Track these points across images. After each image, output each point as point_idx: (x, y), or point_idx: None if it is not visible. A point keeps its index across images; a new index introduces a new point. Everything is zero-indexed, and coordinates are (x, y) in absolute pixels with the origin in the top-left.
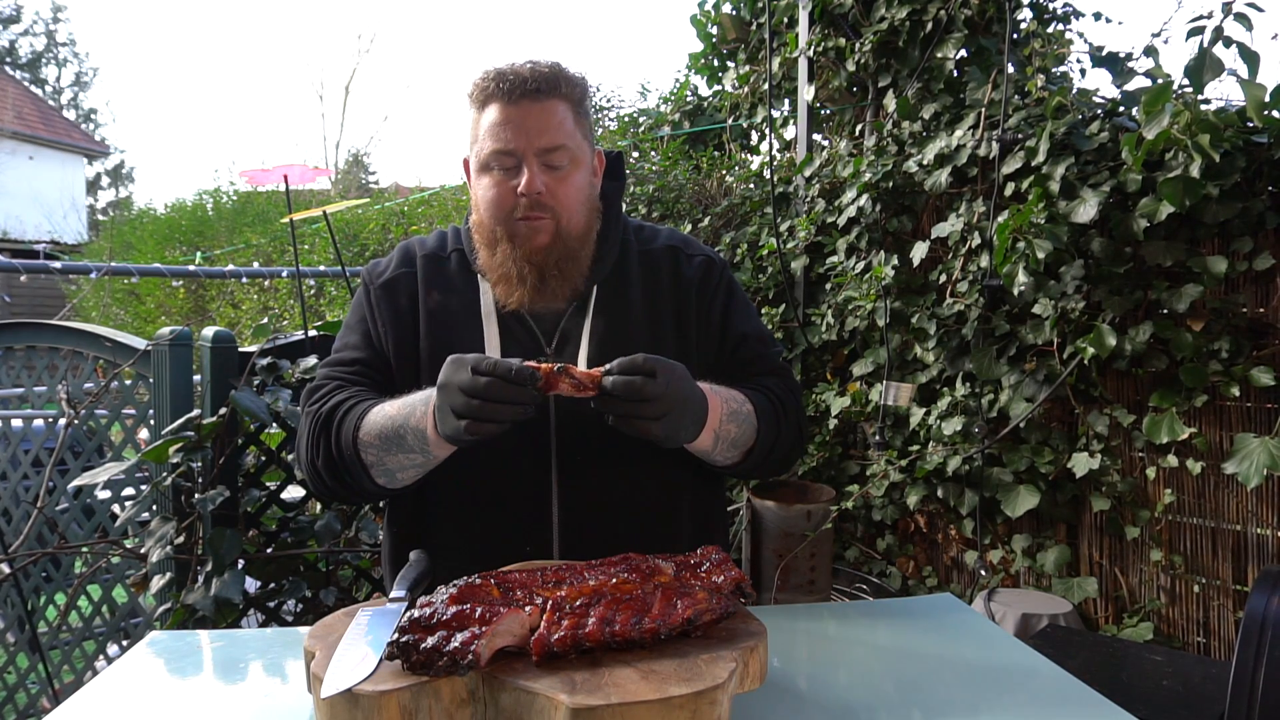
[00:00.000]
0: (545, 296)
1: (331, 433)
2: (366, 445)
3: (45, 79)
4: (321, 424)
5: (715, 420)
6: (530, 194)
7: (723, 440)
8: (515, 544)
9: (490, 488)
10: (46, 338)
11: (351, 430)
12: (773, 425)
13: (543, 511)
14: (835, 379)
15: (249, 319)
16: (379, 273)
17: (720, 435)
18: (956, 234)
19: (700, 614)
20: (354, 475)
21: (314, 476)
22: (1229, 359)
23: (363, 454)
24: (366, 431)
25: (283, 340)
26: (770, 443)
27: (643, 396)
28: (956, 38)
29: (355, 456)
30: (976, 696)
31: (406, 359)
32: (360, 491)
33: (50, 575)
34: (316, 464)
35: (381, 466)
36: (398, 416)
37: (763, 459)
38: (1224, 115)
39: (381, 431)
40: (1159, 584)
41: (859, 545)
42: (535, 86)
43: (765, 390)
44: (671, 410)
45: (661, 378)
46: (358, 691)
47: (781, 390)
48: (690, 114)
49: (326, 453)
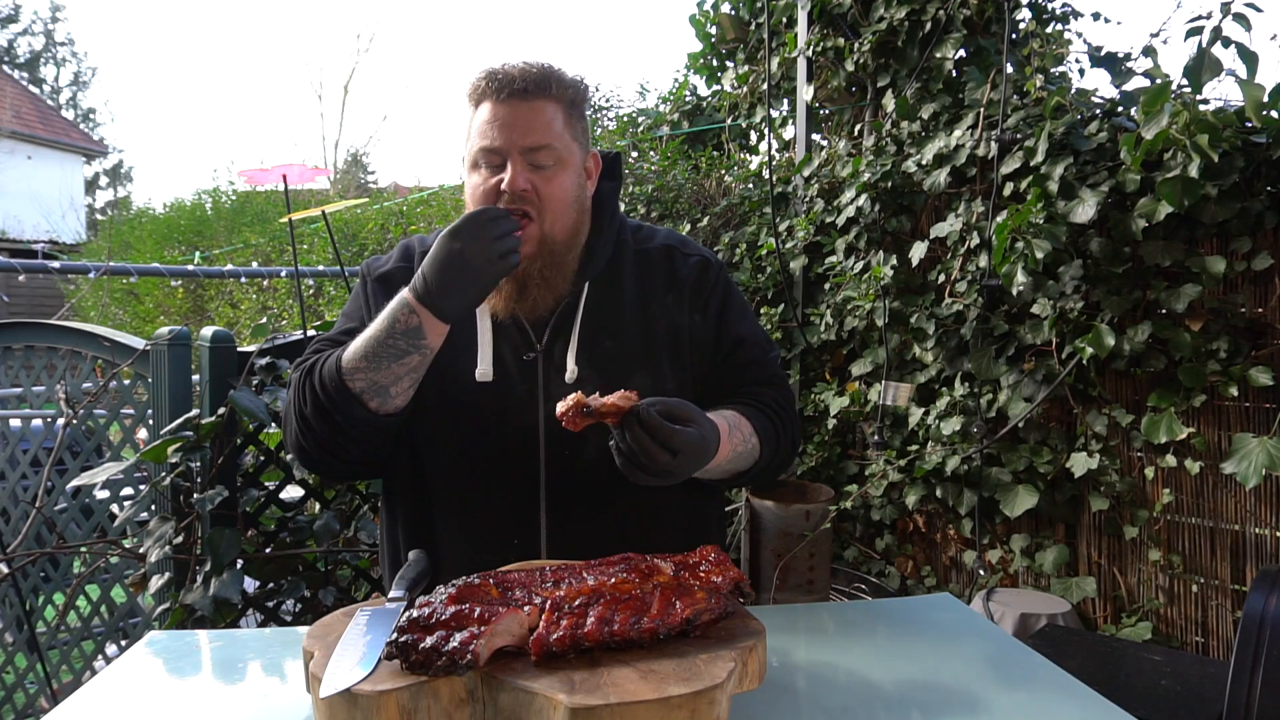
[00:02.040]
0: (524, 306)
1: (315, 376)
2: (353, 371)
3: (44, 78)
4: (306, 373)
5: (715, 464)
6: (513, 191)
7: (713, 471)
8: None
9: (480, 485)
10: (45, 337)
11: (334, 365)
12: (770, 447)
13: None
14: (834, 379)
15: (248, 319)
16: (377, 266)
17: (713, 470)
18: (955, 234)
19: (699, 614)
20: (344, 410)
21: (303, 429)
22: (1227, 359)
23: (351, 383)
24: (350, 359)
25: (281, 340)
26: (765, 463)
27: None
28: (955, 38)
29: (343, 387)
30: (975, 696)
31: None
32: (351, 437)
33: (49, 575)
34: (305, 413)
35: (374, 387)
36: (381, 327)
37: (753, 478)
38: (1222, 115)
39: (367, 351)
40: (1157, 584)
41: (858, 545)
42: (524, 86)
43: (765, 408)
44: (673, 476)
45: (682, 458)
46: (356, 691)
47: (778, 404)
48: (689, 114)
49: (313, 396)
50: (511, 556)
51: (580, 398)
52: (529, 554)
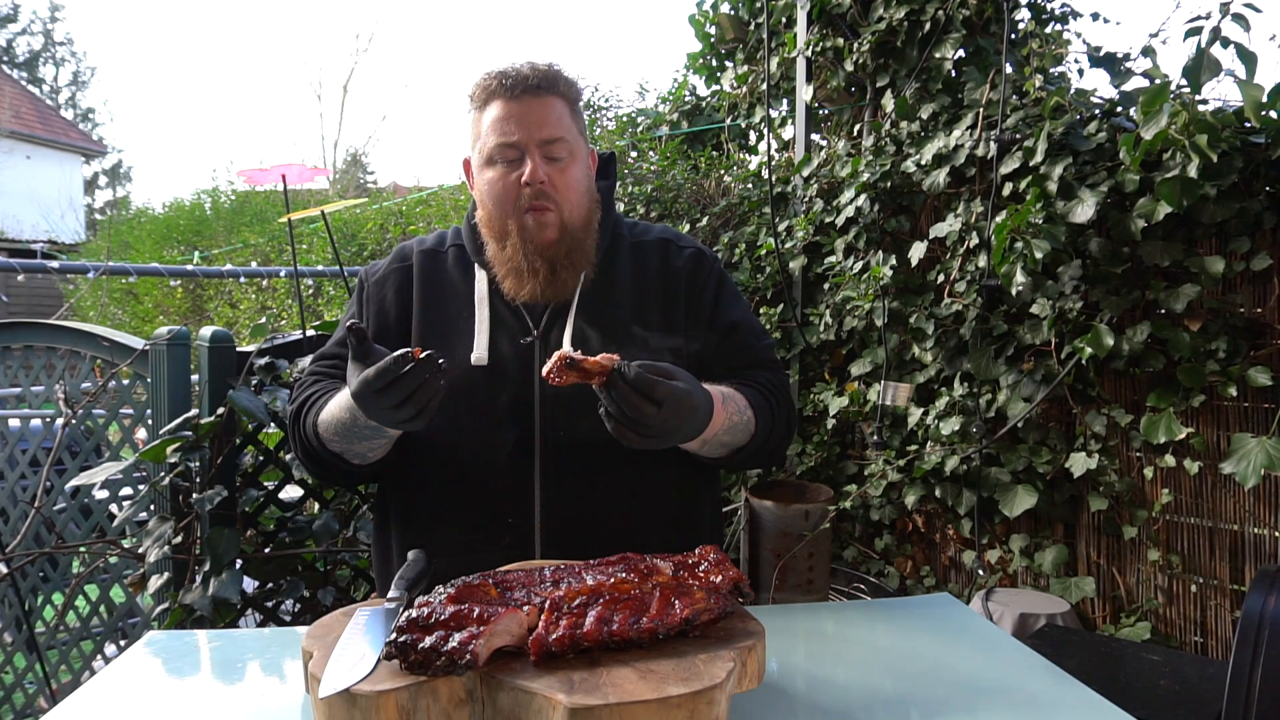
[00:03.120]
0: (555, 288)
1: (301, 428)
2: (329, 440)
3: (43, 78)
4: (293, 419)
5: (711, 433)
6: (534, 183)
7: (711, 444)
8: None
9: (474, 479)
10: (44, 337)
11: (313, 427)
12: (766, 424)
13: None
14: (833, 379)
15: (247, 319)
16: (373, 273)
17: (710, 442)
18: (954, 234)
19: (698, 614)
20: (330, 462)
21: (303, 463)
22: (1226, 359)
23: (329, 446)
24: (324, 428)
25: (280, 340)
26: (761, 441)
27: (641, 421)
28: (954, 38)
29: (324, 449)
30: (974, 696)
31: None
32: (344, 473)
33: (48, 575)
34: (299, 455)
35: (351, 452)
36: (345, 417)
37: (749, 456)
38: (1221, 116)
39: (338, 426)
40: (1156, 584)
41: (857, 545)
42: (536, 83)
43: (759, 386)
44: (664, 435)
45: (668, 409)
46: (355, 691)
47: (773, 384)
48: (688, 114)
49: (303, 446)
50: (506, 536)
51: (565, 352)
52: (523, 533)
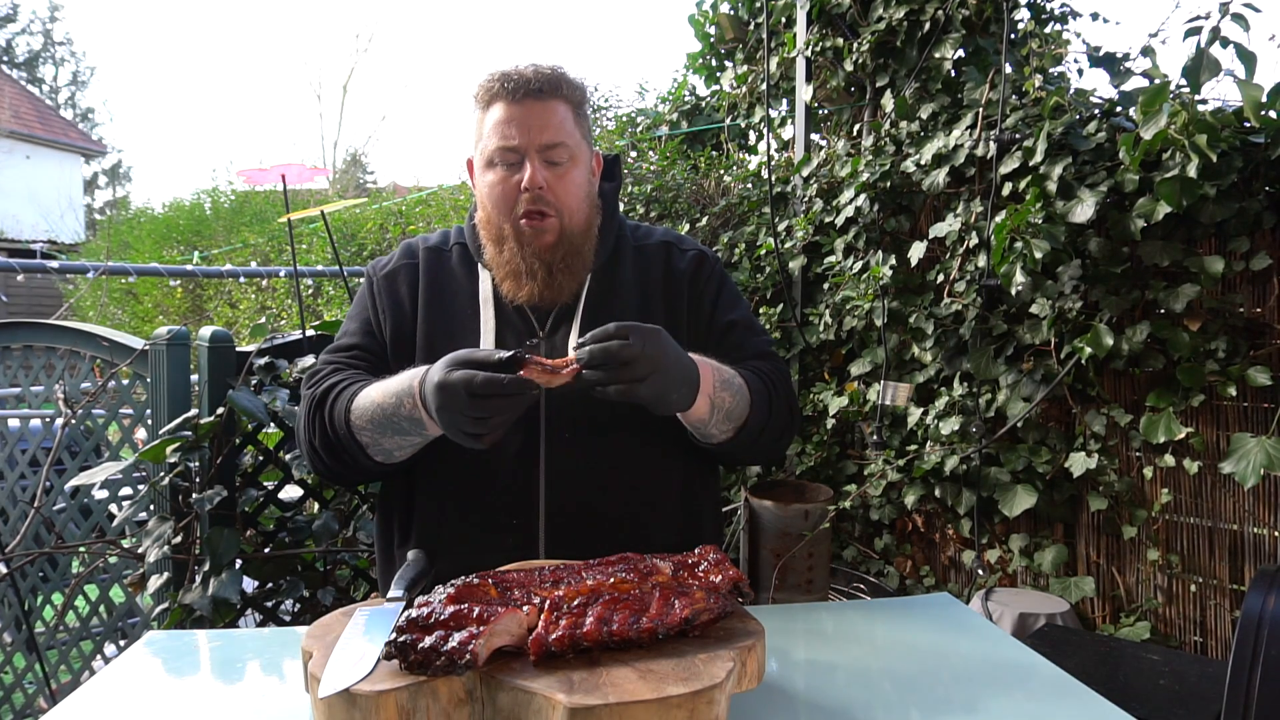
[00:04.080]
0: (552, 291)
1: (326, 414)
2: (360, 428)
3: (42, 78)
4: (316, 405)
5: (709, 386)
6: (532, 189)
7: (719, 410)
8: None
9: (479, 481)
10: (43, 337)
11: (344, 413)
12: (764, 401)
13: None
14: (833, 379)
15: (246, 319)
16: (381, 266)
17: (716, 404)
18: (954, 234)
19: (698, 613)
20: (351, 454)
21: (314, 457)
22: (1226, 359)
23: (357, 435)
24: (358, 415)
25: (280, 340)
26: (763, 420)
27: (621, 359)
28: (954, 38)
29: (350, 437)
30: (974, 696)
31: (404, 344)
32: (359, 469)
33: (47, 575)
34: (315, 444)
35: (377, 446)
36: (388, 404)
37: (756, 436)
38: (1221, 115)
39: (374, 417)
40: (1156, 583)
41: (857, 545)
42: (538, 87)
43: (755, 370)
44: (656, 370)
45: (635, 338)
46: (355, 691)
47: (771, 371)
48: (688, 114)
49: (324, 434)
50: (510, 537)
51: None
52: (528, 534)
